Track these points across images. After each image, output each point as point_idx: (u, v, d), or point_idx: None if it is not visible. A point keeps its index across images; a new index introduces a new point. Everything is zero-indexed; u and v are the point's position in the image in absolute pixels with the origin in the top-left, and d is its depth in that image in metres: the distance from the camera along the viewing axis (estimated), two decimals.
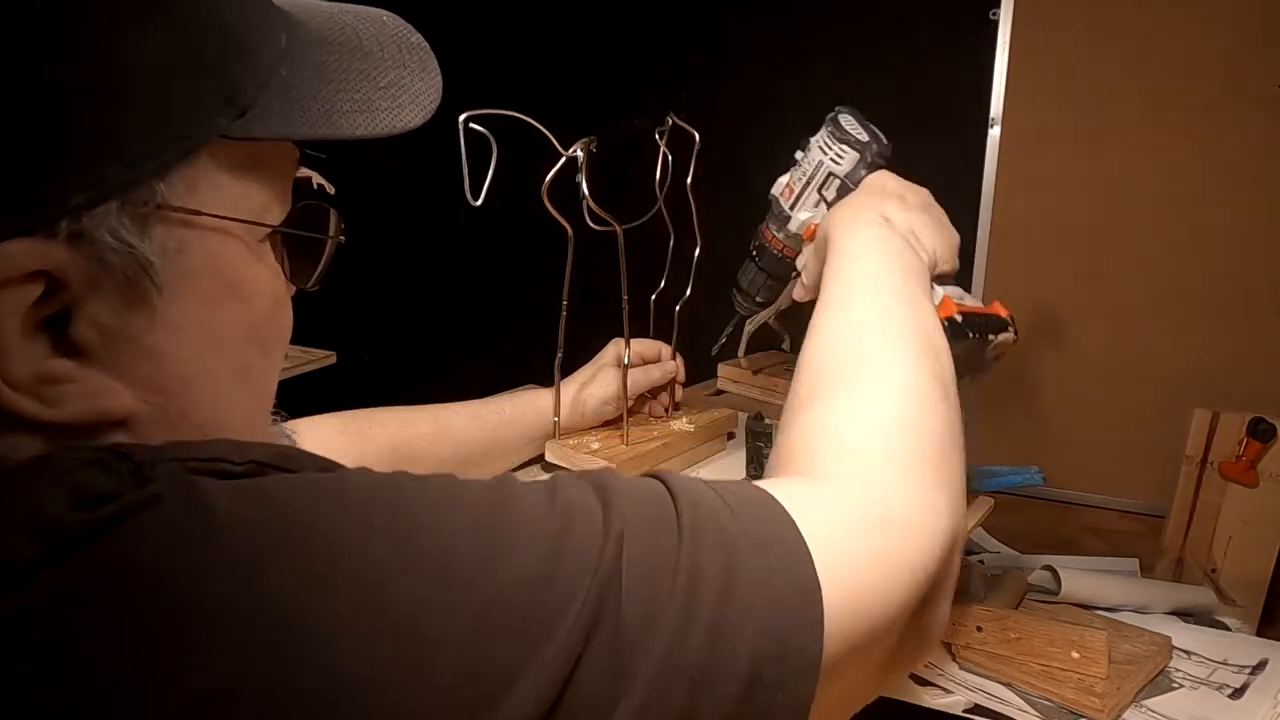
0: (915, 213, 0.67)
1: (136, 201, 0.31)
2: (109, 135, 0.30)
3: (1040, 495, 2.10)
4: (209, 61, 0.33)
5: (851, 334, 0.52)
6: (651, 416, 1.00)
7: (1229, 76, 1.82)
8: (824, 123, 0.81)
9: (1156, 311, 1.97)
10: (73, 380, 0.32)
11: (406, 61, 0.41)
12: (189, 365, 0.36)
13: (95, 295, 0.32)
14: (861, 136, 0.77)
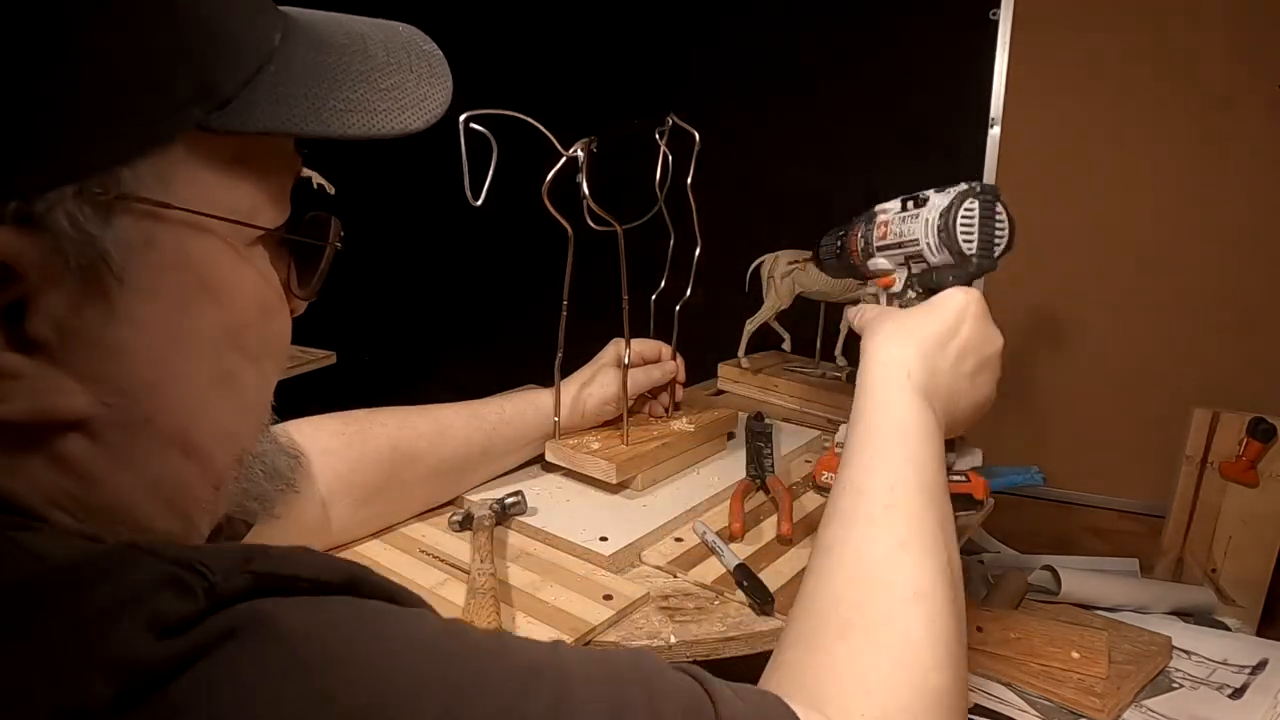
0: (960, 381, 0.63)
1: (96, 188, 0.30)
2: (58, 117, 0.29)
3: (1040, 495, 2.10)
4: (183, 51, 0.32)
5: (875, 559, 0.50)
6: (652, 416, 1.00)
7: (1229, 77, 1.82)
8: (954, 195, 0.69)
9: (1156, 311, 1.97)
10: (22, 376, 0.31)
11: (414, 66, 0.40)
12: (155, 367, 0.34)
13: (52, 287, 0.30)
14: (968, 248, 0.67)
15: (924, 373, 0.61)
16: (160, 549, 0.29)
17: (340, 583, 0.31)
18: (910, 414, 0.58)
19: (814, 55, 2.22)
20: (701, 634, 0.68)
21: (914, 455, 0.55)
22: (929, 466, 0.55)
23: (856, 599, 0.48)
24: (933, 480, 0.54)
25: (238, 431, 0.40)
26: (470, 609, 0.66)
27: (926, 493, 0.53)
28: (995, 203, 0.66)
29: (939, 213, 0.66)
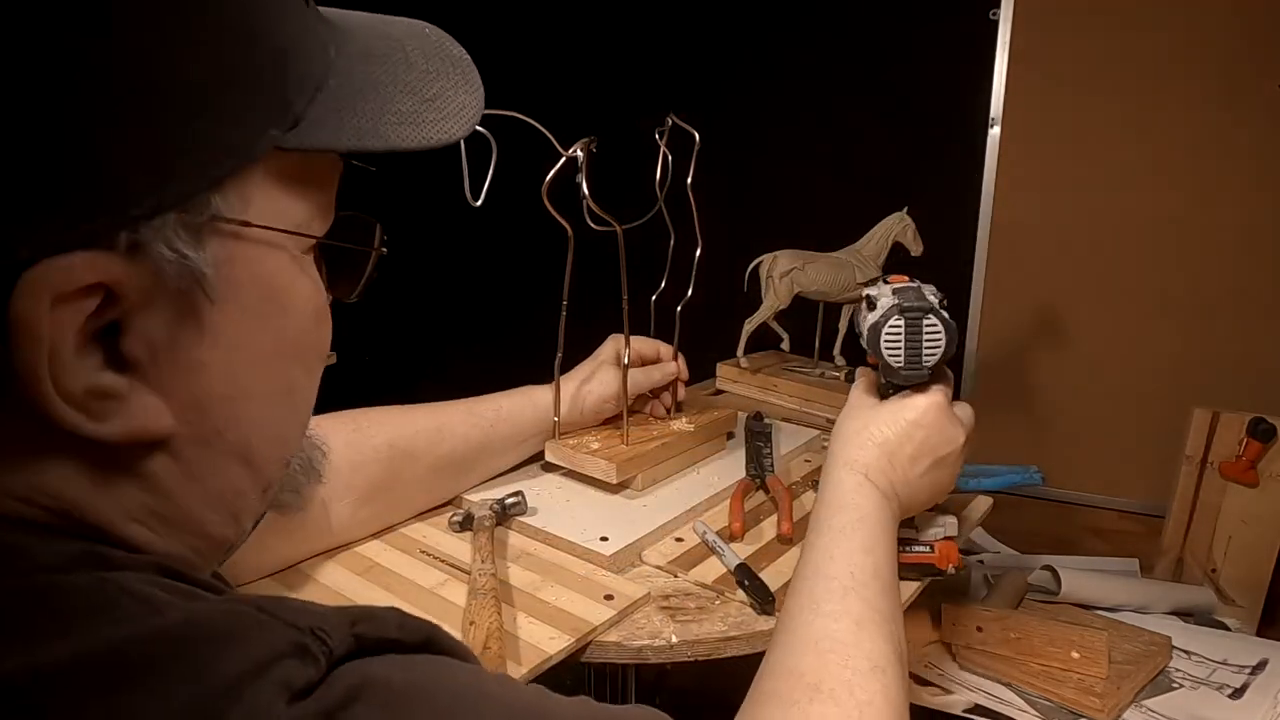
0: (915, 480, 0.68)
1: (193, 213, 0.31)
2: (167, 147, 0.30)
3: (1040, 495, 2.10)
4: (262, 73, 0.33)
5: (837, 636, 0.54)
6: (653, 417, 1.00)
7: (1229, 76, 1.82)
8: (884, 310, 0.69)
9: (1156, 311, 1.98)
10: (122, 396, 0.31)
11: (450, 74, 0.41)
12: (230, 382, 0.35)
13: (148, 308, 0.31)
14: (895, 361, 0.68)
15: (882, 474, 0.67)
16: (276, 609, 0.30)
17: (420, 641, 0.34)
18: (868, 508, 0.63)
19: (814, 55, 2.22)
20: (703, 634, 0.68)
21: (870, 545, 0.61)
22: (882, 555, 0.61)
23: (823, 667, 0.52)
24: (886, 568, 0.60)
25: (290, 437, 0.41)
26: (471, 609, 0.66)
27: (880, 579, 0.59)
28: (924, 318, 0.68)
29: (870, 325, 0.71)
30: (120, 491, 0.34)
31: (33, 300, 0.28)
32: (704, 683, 1.47)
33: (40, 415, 0.30)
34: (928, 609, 1.14)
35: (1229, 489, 1.53)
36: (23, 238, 0.27)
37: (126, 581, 0.30)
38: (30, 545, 0.30)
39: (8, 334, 0.28)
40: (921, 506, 0.71)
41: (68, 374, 0.30)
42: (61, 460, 0.32)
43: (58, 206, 0.27)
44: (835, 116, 2.23)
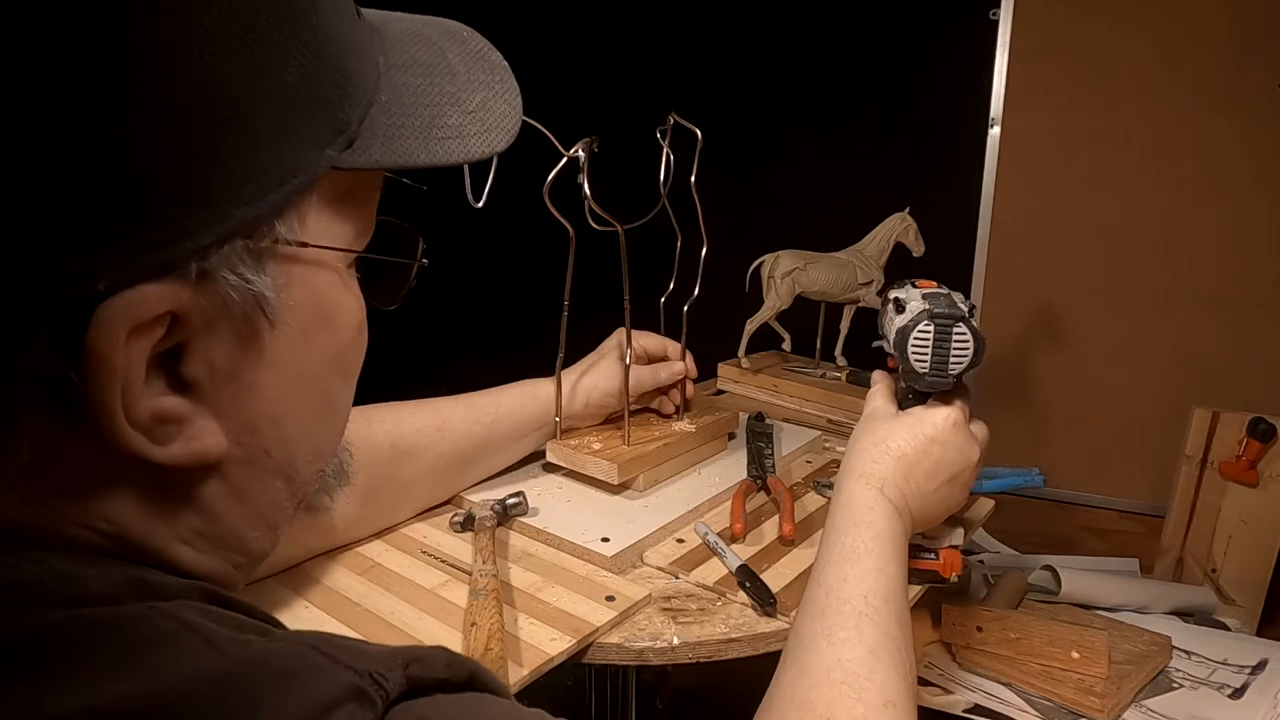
0: (930, 495, 0.68)
1: (256, 238, 0.31)
2: (235, 174, 0.29)
3: (1040, 495, 2.10)
4: (322, 93, 0.32)
5: (851, 667, 0.54)
6: (660, 414, 1.01)
7: (1229, 76, 1.82)
8: (914, 315, 0.69)
9: (1156, 311, 1.98)
10: (184, 419, 0.32)
11: (490, 83, 0.41)
12: (279, 402, 0.35)
13: (210, 333, 0.31)
14: (921, 367, 0.68)
15: (897, 489, 0.66)
16: (334, 650, 0.31)
17: (464, 679, 0.34)
18: (882, 525, 0.63)
19: (814, 55, 2.22)
20: (704, 635, 0.68)
21: (883, 565, 0.60)
22: (895, 575, 0.60)
23: (836, 700, 0.52)
24: (898, 590, 0.60)
25: (329, 449, 0.41)
26: (472, 610, 0.66)
27: (893, 604, 0.58)
28: (954, 326, 0.68)
29: (898, 328, 0.70)
30: (169, 513, 0.34)
31: (109, 332, 0.28)
32: (705, 684, 1.47)
33: (106, 441, 0.30)
34: (928, 609, 1.14)
35: (1229, 489, 1.53)
36: (100, 270, 0.27)
37: (181, 613, 0.30)
38: (81, 573, 0.30)
39: (82, 365, 0.28)
40: (933, 522, 0.71)
41: (136, 401, 0.30)
42: (119, 484, 0.32)
43: (134, 238, 0.27)
44: (835, 116, 2.23)
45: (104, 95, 0.26)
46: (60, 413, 0.29)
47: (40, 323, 0.27)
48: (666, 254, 0.96)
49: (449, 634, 0.65)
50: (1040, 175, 2.03)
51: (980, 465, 0.72)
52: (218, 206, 0.29)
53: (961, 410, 0.70)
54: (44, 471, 0.30)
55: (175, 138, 0.27)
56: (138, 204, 0.27)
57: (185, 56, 0.27)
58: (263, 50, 0.29)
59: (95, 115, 0.25)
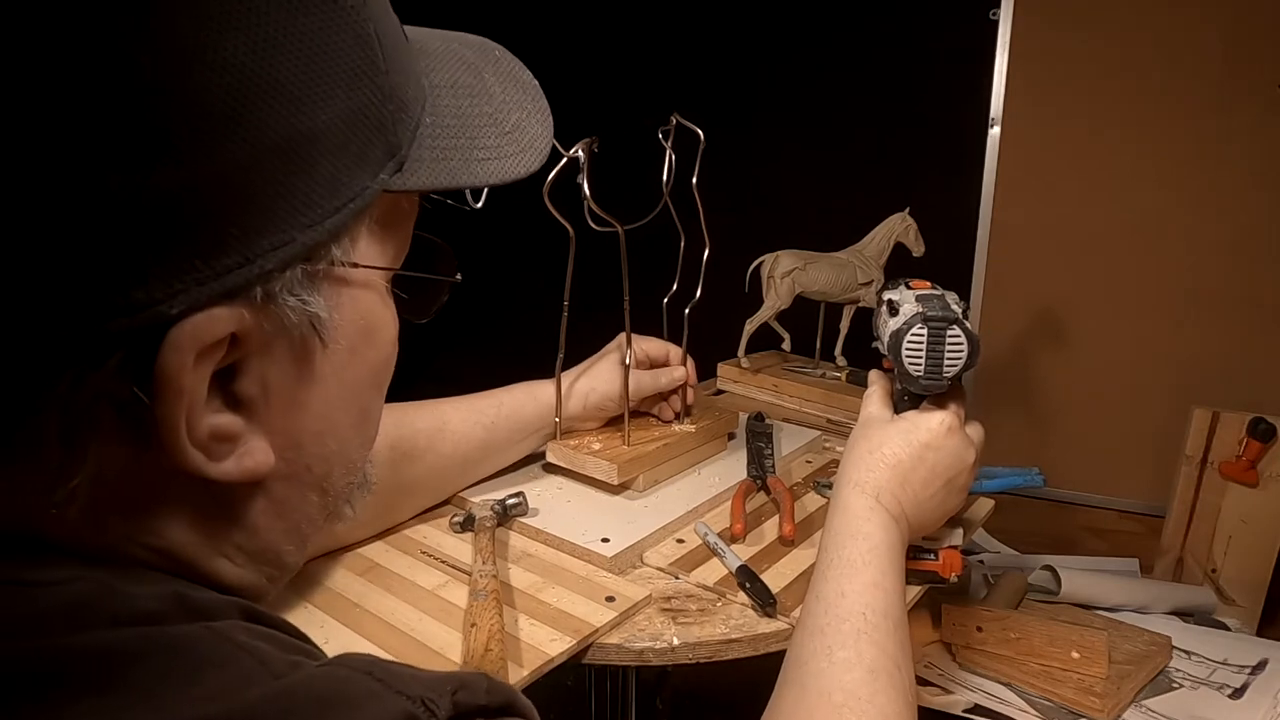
0: (926, 501, 0.68)
1: (314, 260, 0.32)
2: (299, 201, 0.30)
3: (1040, 495, 2.10)
4: (380, 121, 0.33)
5: (850, 689, 0.55)
6: (660, 420, 1.00)
7: (1229, 76, 1.82)
8: (908, 318, 0.68)
9: (1156, 312, 1.98)
10: (238, 436, 0.32)
11: (524, 103, 0.42)
12: (324, 418, 0.36)
13: (266, 352, 0.32)
14: (915, 370, 0.67)
15: (893, 498, 0.66)
16: (386, 676, 0.32)
17: (502, 705, 0.35)
18: (879, 536, 0.63)
19: (814, 55, 2.22)
20: (704, 636, 0.68)
21: (880, 578, 0.60)
22: (893, 587, 0.61)
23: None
24: (896, 603, 0.60)
25: (360, 461, 0.41)
26: (473, 610, 0.66)
27: (891, 618, 0.58)
28: (948, 329, 0.67)
29: (892, 331, 0.69)
30: (214, 528, 0.35)
31: (179, 355, 0.28)
32: (705, 684, 1.47)
33: (166, 458, 0.30)
34: (928, 609, 1.14)
35: (1229, 489, 1.53)
36: (172, 296, 0.27)
37: (232, 634, 0.30)
38: (130, 590, 0.30)
39: (151, 386, 0.28)
40: (930, 527, 0.71)
41: (198, 419, 0.30)
42: (170, 500, 0.33)
43: (204, 265, 0.28)
44: (835, 116, 2.23)
45: (185, 134, 0.26)
46: (125, 432, 0.29)
47: (114, 346, 0.27)
48: (666, 254, 0.96)
49: (449, 634, 0.65)
50: (1040, 175, 2.03)
51: (977, 467, 0.72)
52: (282, 232, 0.30)
53: (956, 414, 0.70)
54: (102, 488, 0.30)
55: (248, 171, 0.28)
56: (209, 232, 0.28)
57: (263, 97, 0.28)
58: (333, 88, 0.30)
59: (177, 153, 0.26)
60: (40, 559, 0.30)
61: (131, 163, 0.25)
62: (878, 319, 0.76)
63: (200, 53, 0.26)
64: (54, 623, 0.27)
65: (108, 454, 0.30)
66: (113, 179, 0.25)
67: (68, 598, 0.28)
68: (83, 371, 0.27)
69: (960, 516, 0.80)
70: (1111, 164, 1.97)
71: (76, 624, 0.28)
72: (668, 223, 0.93)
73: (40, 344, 0.26)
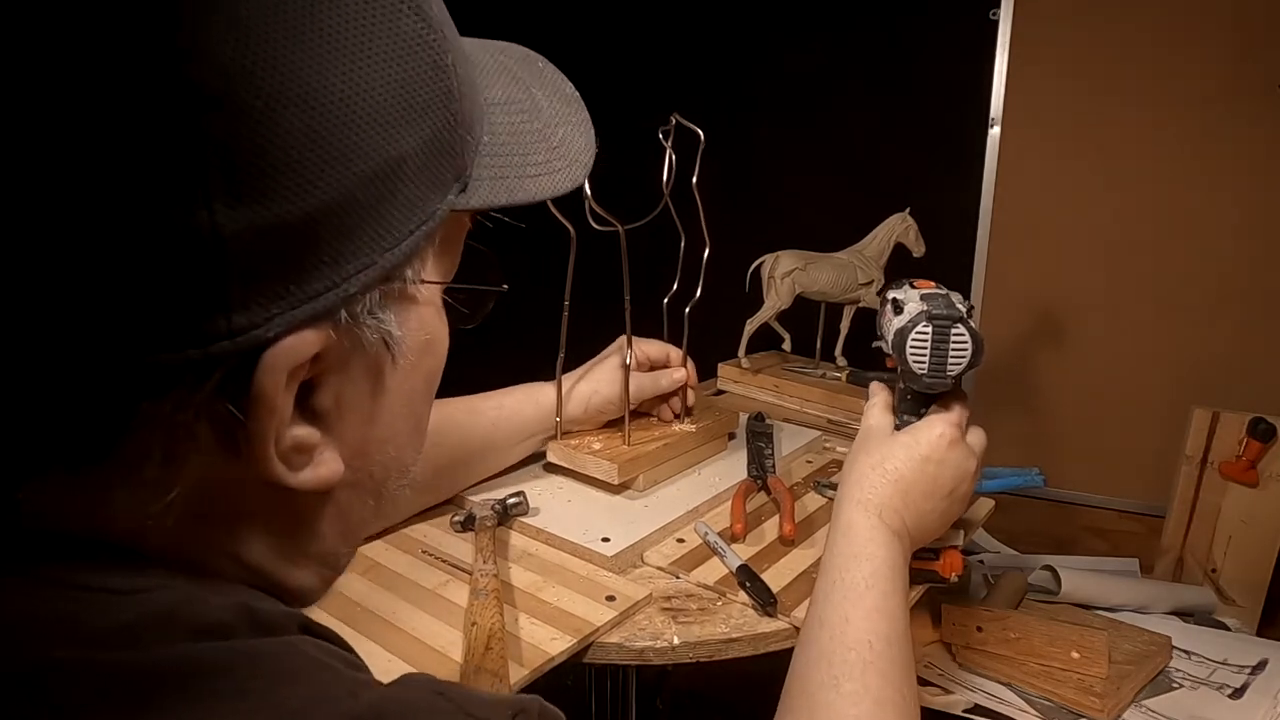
0: (928, 513, 0.68)
1: (390, 281, 0.33)
2: (383, 226, 0.31)
3: (1040, 495, 2.11)
4: (449, 142, 0.34)
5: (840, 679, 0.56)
6: (662, 421, 1.00)
7: (1229, 76, 1.82)
8: (913, 316, 0.68)
9: (1156, 311, 1.98)
10: (312, 448, 0.33)
11: (568, 117, 0.43)
12: (388, 427, 0.37)
13: (343, 368, 0.33)
14: (919, 368, 0.68)
15: (895, 514, 0.66)
16: (456, 696, 0.33)
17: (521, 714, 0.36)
18: (882, 556, 0.63)
19: (815, 55, 2.22)
20: (705, 635, 0.68)
21: (883, 603, 0.60)
22: (898, 609, 0.61)
23: None
24: (900, 627, 0.60)
25: (412, 465, 0.41)
26: (473, 609, 0.66)
27: (896, 645, 0.58)
28: (952, 327, 0.67)
29: (896, 329, 0.69)
30: (282, 533, 0.36)
31: (273, 376, 0.29)
32: (705, 684, 1.47)
33: (252, 469, 0.31)
34: (928, 609, 1.14)
35: (1229, 489, 1.53)
36: (270, 320, 0.29)
37: (304, 647, 0.31)
38: (207, 599, 0.31)
39: (245, 404, 0.29)
40: (932, 538, 0.71)
41: (284, 433, 0.31)
42: (249, 509, 0.34)
43: (299, 290, 0.29)
44: (835, 116, 2.23)
45: (295, 169, 0.27)
46: (217, 446, 0.30)
47: (215, 367, 0.28)
48: (667, 254, 0.96)
49: (450, 633, 0.66)
50: (1040, 175, 2.03)
51: (978, 474, 0.72)
52: (366, 255, 0.31)
53: (956, 425, 0.70)
54: (192, 498, 0.31)
55: (345, 200, 0.29)
56: (307, 260, 0.29)
57: (361, 128, 0.29)
58: (416, 116, 0.31)
59: (287, 188, 0.27)
60: (124, 565, 0.30)
61: (246, 199, 0.27)
62: (882, 318, 0.76)
63: (311, 90, 0.27)
64: (140, 633, 0.28)
65: (201, 467, 0.31)
66: (229, 214, 0.26)
67: (152, 607, 0.29)
68: (187, 391, 0.28)
69: (961, 517, 0.81)
70: (1111, 164, 1.97)
71: (162, 635, 0.29)
72: (668, 223, 0.93)
73: (151, 366, 0.27)
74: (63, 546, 0.30)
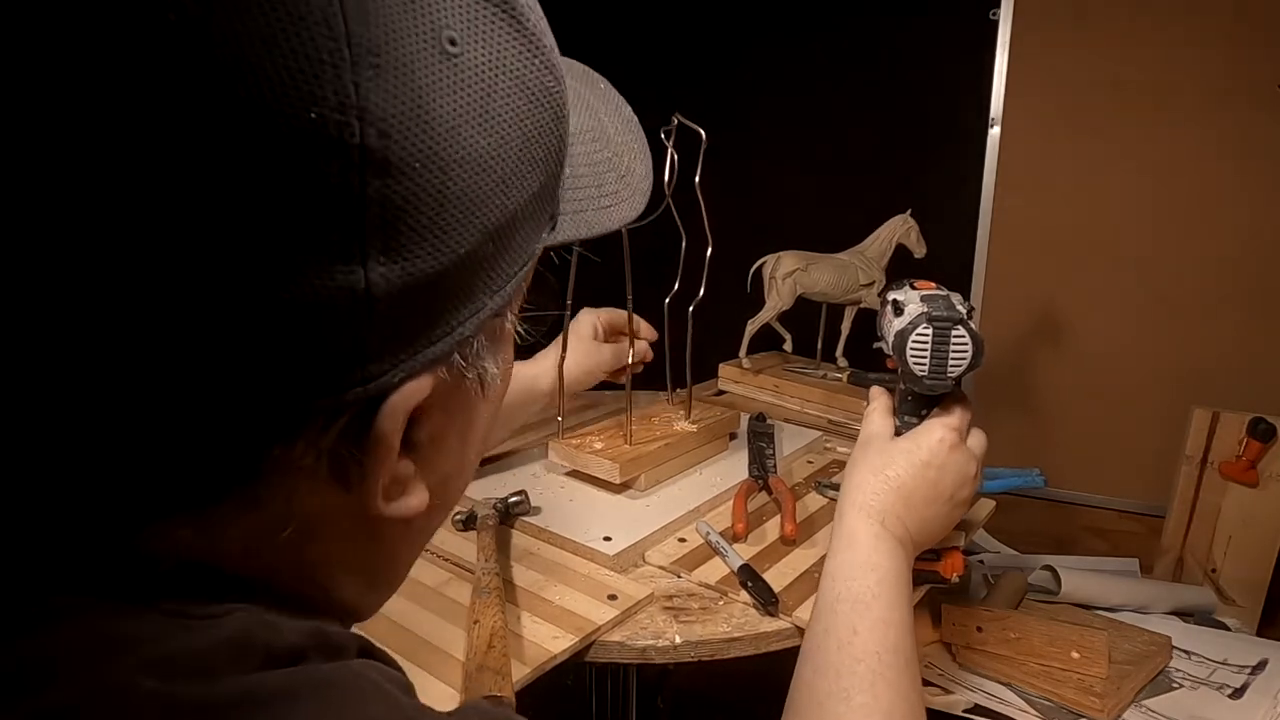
0: (930, 519, 0.68)
1: (495, 319, 0.33)
2: (494, 273, 0.32)
3: (1040, 495, 2.11)
4: (554, 188, 0.35)
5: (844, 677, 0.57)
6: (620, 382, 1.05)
7: (1229, 77, 1.82)
8: (913, 318, 0.69)
9: (1156, 311, 1.98)
10: (410, 481, 0.33)
11: (631, 143, 0.43)
12: (467, 453, 0.37)
13: (444, 406, 0.33)
14: (919, 370, 0.68)
15: (897, 520, 0.66)
16: None
17: None
18: (886, 565, 0.63)
19: (815, 55, 2.22)
20: (706, 634, 0.68)
21: (889, 613, 0.60)
22: (903, 618, 0.61)
23: None
24: (906, 635, 0.60)
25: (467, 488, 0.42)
26: (476, 608, 0.66)
27: (902, 654, 0.59)
28: (952, 328, 0.67)
29: (897, 331, 0.69)
30: (363, 558, 0.36)
31: (394, 420, 0.30)
32: (706, 684, 1.47)
33: (356, 503, 0.32)
34: (928, 609, 1.14)
35: (1229, 489, 1.53)
36: (396, 366, 0.29)
37: (367, 672, 0.32)
38: (281, 623, 0.31)
39: (364, 444, 0.30)
40: (934, 542, 0.71)
41: (391, 469, 0.32)
42: (343, 536, 0.34)
43: (422, 338, 0.30)
44: (835, 117, 2.23)
45: (432, 229, 0.28)
46: (330, 482, 0.31)
47: (344, 412, 0.29)
48: (668, 254, 0.96)
49: (452, 631, 0.66)
50: (1040, 175, 2.04)
51: (979, 477, 0.72)
52: (478, 300, 0.31)
53: (955, 429, 0.70)
54: (299, 529, 0.32)
55: (471, 255, 0.30)
56: (430, 310, 0.30)
57: (493, 187, 0.30)
58: (537, 168, 0.32)
59: (423, 247, 0.28)
60: (204, 587, 0.31)
61: (396, 258, 0.27)
62: (882, 319, 0.76)
63: (455, 157, 0.28)
64: (214, 661, 0.28)
65: (314, 504, 0.31)
66: (380, 272, 0.27)
67: (226, 633, 0.29)
68: (316, 436, 0.29)
69: (962, 520, 0.81)
70: (1111, 164, 1.97)
71: (235, 663, 0.29)
72: (669, 222, 0.93)
73: (291, 413, 0.28)
74: (153, 571, 0.30)
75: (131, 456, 0.27)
